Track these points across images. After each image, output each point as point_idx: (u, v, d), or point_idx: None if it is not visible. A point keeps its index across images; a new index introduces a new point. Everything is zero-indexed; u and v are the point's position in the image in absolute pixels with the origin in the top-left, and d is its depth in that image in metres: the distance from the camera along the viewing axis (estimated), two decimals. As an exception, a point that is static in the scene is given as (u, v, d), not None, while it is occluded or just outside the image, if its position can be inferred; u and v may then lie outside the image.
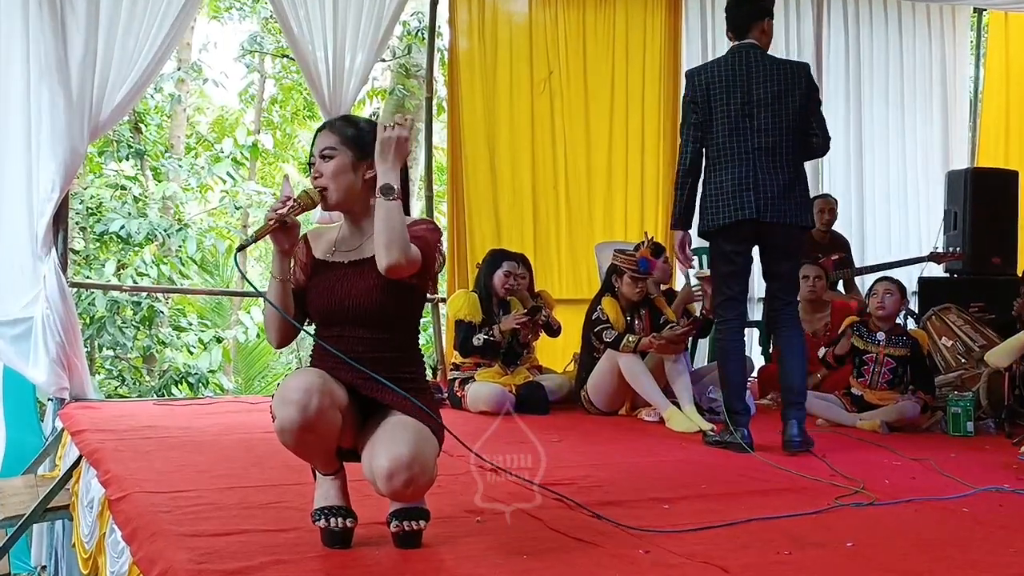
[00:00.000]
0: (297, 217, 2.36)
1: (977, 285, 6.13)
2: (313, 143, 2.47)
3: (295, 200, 2.35)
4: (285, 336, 2.46)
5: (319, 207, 2.43)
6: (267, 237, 2.36)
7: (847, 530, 2.57)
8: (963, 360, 5.21)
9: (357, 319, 2.38)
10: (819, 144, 4.07)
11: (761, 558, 2.29)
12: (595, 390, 4.99)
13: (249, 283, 3.02)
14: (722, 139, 3.92)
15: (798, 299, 4.17)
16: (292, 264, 2.46)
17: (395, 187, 2.30)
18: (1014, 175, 6.68)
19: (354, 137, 2.42)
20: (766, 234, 3.95)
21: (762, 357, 6.33)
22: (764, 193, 3.87)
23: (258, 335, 9.52)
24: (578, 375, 5.23)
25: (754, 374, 5.84)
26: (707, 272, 5.27)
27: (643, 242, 5.11)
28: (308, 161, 2.48)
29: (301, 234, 2.45)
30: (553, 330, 5.53)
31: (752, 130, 3.90)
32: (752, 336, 6.93)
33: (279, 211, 2.33)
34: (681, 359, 4.85)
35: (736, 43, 4.06)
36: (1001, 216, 6.43)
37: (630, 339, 4.82)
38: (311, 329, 2.46)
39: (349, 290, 2.38)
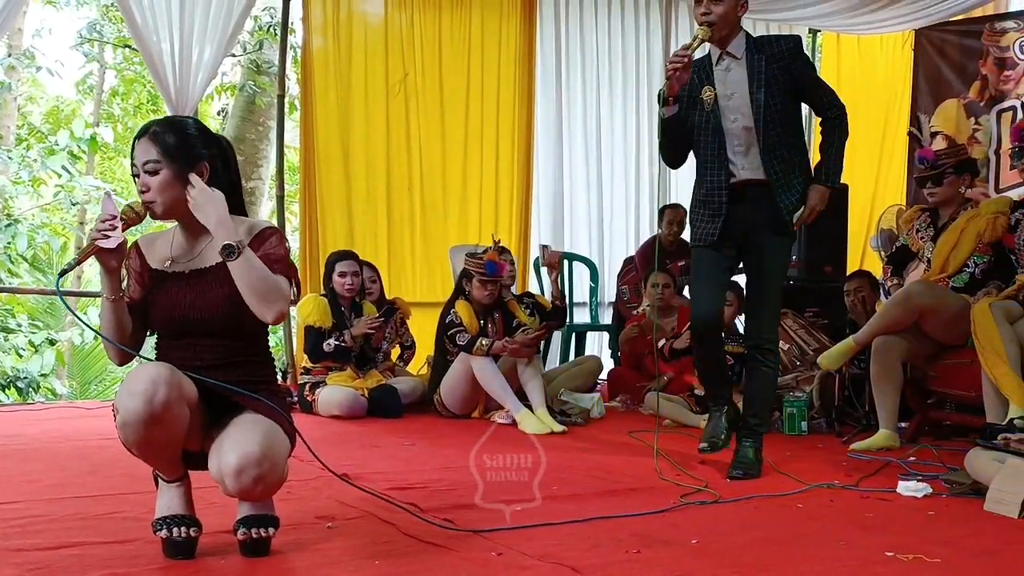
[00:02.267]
0: (123, 233, 2.24)
1: (811, 292, 6.45)
2: (133, 150, 2.32)
3: (120, 217, 2.24)
4: (123, 353, 2.34)
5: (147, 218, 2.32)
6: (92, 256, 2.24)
7: (692, 528, 2.66)
8: (798, 363, 5.48)
9: (205, 330, 2.30)
10: None
11: (611, 557, 2.34)
12: (448, 393, 5.00)
13: (78, 318, 2.85)
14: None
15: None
16: (125, 278, 2.35)
17: (234, 242, 2.20)
18: (844, 188, 7.07)
19: (177, 146, 2.29)
20: None
21: (611, 360, 6.49)
22: None
23: (95, 337, 9.10)
24: (431, 378, 5.22)
25: (603, 376, 5.98)
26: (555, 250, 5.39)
27: (490, 245, 5.15)
28: (132, 172, 2.34)
29: (131, 243, 2.34)
30: (406, 347, 5.56)
31: None
32: (603, 338, 7.10)
33: (103, 230, 2.20)
34: (534, 361, 4.91)
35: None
36: (832, 228, 6.77)
37: (483, 342, 4.85)
38: (146, 352, 2.36)
39: (193, 302, 2.30)
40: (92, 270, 12.20)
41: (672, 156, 3.72)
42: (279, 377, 3.17)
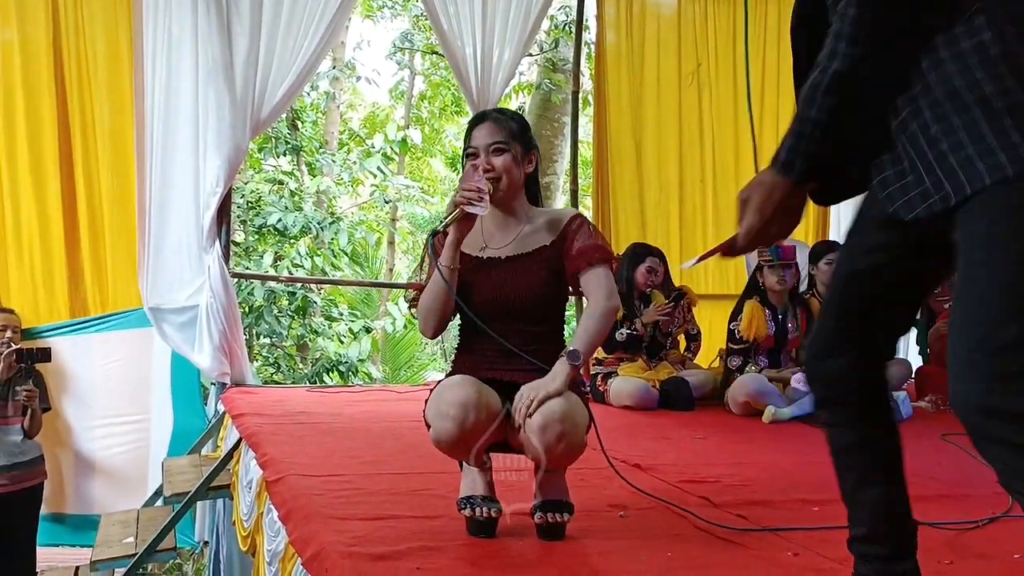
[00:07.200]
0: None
1: None
2: (470, 135, 2.48)
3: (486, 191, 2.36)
4: (441, 325, 2.46)
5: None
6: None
7: (1014, 542, 2.43)
8: None
9: (517, 313, 2.40)
10: None
11: (920, 567, 2.18)
12: (733, 403, 4.89)
13: (440, 270, 2.55)
14: None
15: None
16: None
17: (580, 352, 2.30)
18: None
19: (520, 132, 2.48)
20: None
21: (919, 357, 6.07)
22: None
23: (405, 326, 9.74)
24: (724, 376, 5.14)
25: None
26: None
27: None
28: (465, 152, 2.48)
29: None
30: (691, 336, 5.49)
31: None
32: (909, 335, 6.65)
33: (470, 198, 2.32)
34: None
35: None
36: None
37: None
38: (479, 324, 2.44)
39: (514, 286, 2.42)
40: (401, 263, 13.10)
41: None
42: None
